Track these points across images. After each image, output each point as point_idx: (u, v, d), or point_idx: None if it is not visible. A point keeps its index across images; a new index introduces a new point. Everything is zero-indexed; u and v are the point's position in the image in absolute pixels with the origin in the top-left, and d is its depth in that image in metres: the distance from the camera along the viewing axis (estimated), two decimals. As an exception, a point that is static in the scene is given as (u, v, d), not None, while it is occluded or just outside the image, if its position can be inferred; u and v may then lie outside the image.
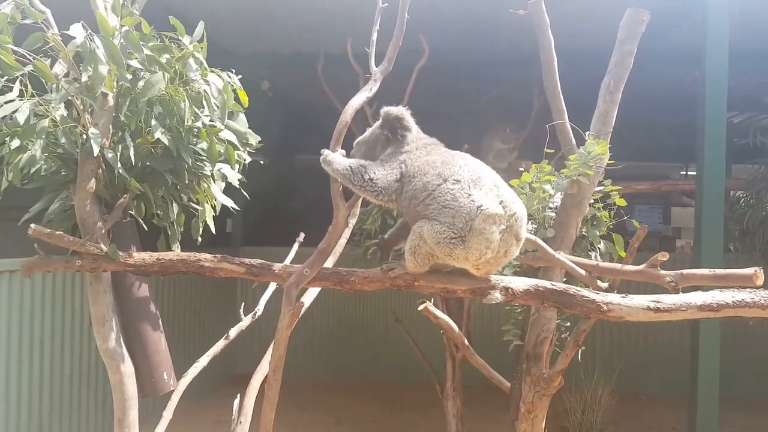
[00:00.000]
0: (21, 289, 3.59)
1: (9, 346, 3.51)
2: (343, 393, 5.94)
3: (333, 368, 6.40)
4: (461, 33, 3.90)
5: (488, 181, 1.83)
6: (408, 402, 5.84)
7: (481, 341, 4.27)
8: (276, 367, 1.86)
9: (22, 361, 3.61)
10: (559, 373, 2.66)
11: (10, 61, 1.64)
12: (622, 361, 6.01)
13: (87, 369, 4.32)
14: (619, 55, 2.50)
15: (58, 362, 3.99)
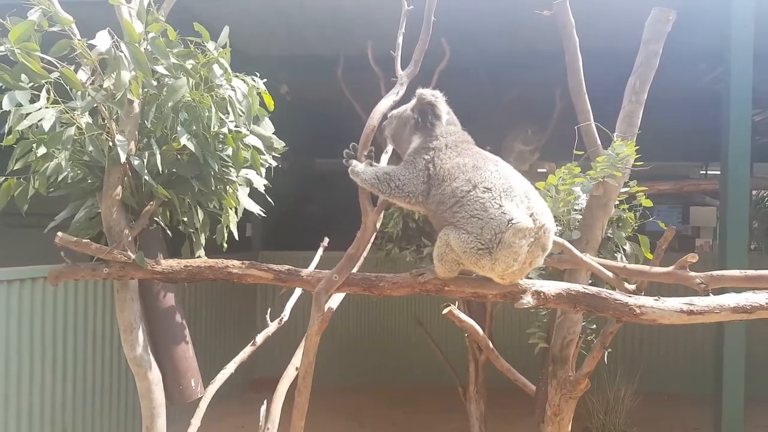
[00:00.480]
0: (48, 296, 3.63)
1: (35, 352, 3.54)
2: (364, 397, 5.93)
3: (354, 372, 6.39)
4: (482, 34, 3.89)
5: (519, 190, 1.77)
6: (430, 405, 5.81)
7: (503, 343, 4.24)
8: (305, 373, 1.85)
9: (46, 367, 3.64)
10: (586, 375, 2.63)
11: (37, 69, 1.65)
12: (644, 361, 5.95)
13: (117, 376, 4.36)
14: (645, 56, 2.46)
15: (86, 370, 4.03)
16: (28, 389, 3.49)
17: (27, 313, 3.48)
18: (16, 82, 1.65)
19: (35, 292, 3.52)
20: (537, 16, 2.51)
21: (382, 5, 3.66)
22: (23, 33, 1.58)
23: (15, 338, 3.40)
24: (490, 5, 3.55)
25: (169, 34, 1.90)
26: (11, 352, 3.37)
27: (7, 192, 1.97)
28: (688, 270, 2.05)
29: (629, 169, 2.38)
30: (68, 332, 3.84)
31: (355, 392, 6.11)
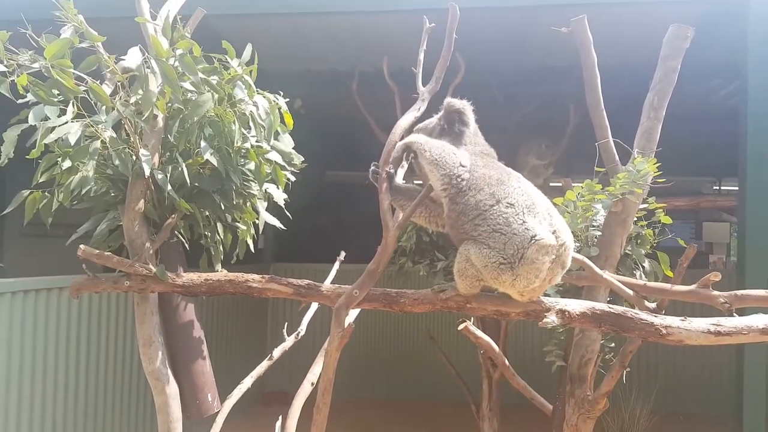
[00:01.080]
0: (65, 306, 3.65)
1: (50, 362, 3.55)
2: (376, 411, 5.89)
3: (365, 386, 6.36)
4: (496, 49, 3.91)
5: (542, 207, 1.77)
6: (442, 421, 5.76)
7: (516, 360, 4.21)
8: (325, 390, 1.84)
9: (59, 378, 3.65)
10: (605, 395, 2.60)
11: (70, 85, 1.68)
12: (660, 380, 5.88)
13: (135, 390, 4.37)
14: (663, 72, 2.46)
15: (106, 382, 4.04)
16: (41, 398, 3.49)
17: (46, 323, 3.50)
18: (49, 98, 1.67)
19: (51, 301, 3.54)
20: (551, 32, 2.52)
21: (397, 21, 3.70)
22: (59, 50, 1.61)
23: (31, 347, 3.41)
24: (504, 21, 3.58)
25: (194, 51, 1.92)
26: (26, 361, 3.38)
27: (33, 205, 2.00)
28: (710, 289, 2.03)
29: (648, 186, 2.37)
30: (88, 343, 3.86)
31: (366, 406, 6.08)
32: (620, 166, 2.49)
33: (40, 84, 1.68)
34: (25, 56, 1.68)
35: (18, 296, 3.30)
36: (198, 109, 1.88)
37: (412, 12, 3.51)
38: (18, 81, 1.65)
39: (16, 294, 3.29)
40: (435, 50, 2.30)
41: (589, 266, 2.22)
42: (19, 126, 1.81)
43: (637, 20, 3.48)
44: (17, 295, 3.30)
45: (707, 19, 3.31)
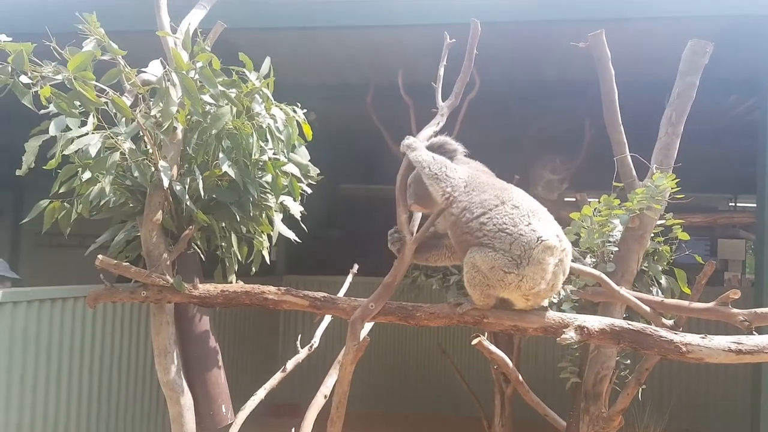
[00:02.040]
0: (83, 315, 3.67)
1: (69, 371, 3.57)
2: (387, 425, 5.84)
3: (377, 399, 6.31)
4: (511, 63, 3.91)
5: (544, 213, 1.84)
6: (451, 436, 5.71)
7: (529, 376, 4.17)
8: (339, 403, 1.83)
9: (73, 386, 3.67)
10: (620, 412, 2.57)
11: (92, 97, 1.70)
12: (674, 397, 5.79)
13: (149, 399, 4.38)
14: (681, 87, 2.45)
15: (120, 391, 4.05)
16: (55, 406, 3.51)
17: (61, 331, 3.52)
18: (71, 109, 1.70)
19: (66, 311, 3.56)
20: (567, 46, 2.52)
21: (412, 35, 3.72)
22: (81, 63, 1.64)
23: (46, 356, 3.43)
24: (520, 35, 3.59)
25: (213, 63, 1.95)
26: (41, 369, 3.40)
27: (52, 214, 2.02)
28: (730, 306, 2.00)
29: (666, 201, 2.35)
30: (102, 352, 3.87)
31: (377, 420, 6.02)
32: (637, 182, 2.47)
33: (62, 96, 1.70)
34: (49, 68, 1.71)
35: (33, 305, 3.33)
36: (217, 122, 1.90)
37: (426, 26, 3.54)
38: (41, 92, 1.68)
39: (32, 303, 3.31)
40: (450, 63, 2.31)
41: (606, 282, 2.20)
42: (40, 137, 1.83)
43: (655, 35, 3.47)
44: (33, 304, 3.32)
45: (725, 34, 3.29)
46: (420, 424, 5.97)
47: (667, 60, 2.85)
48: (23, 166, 1.78)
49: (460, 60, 2.18)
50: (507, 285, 1.70)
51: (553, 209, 4.75)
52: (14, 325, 3.20)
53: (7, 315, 3.15)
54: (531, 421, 4.42)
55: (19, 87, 1.67)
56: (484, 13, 2.52)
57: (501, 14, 3.33)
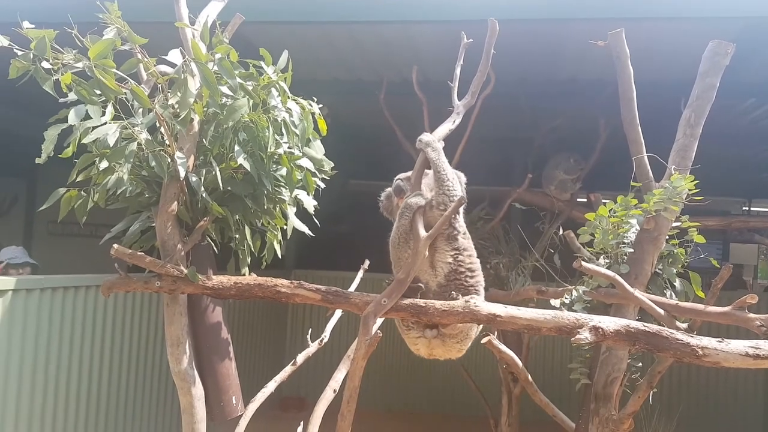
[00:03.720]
0: (95, 304, 3.70)
1: (79, 359, 3.60)
2: (392, 422, 5.86)
3: (383, 397, 6.33)
4: (527, 61, 3.88)
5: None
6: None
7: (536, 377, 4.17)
8: (350, 398, 1.83)
9: (83, 374, 3.69)
10: (630, 415, 2.55)
11: (112, 85, 1.70)
12: (683, 400, 5.75)
13: (162, 388, 4.42)
14: (701, 88, 2.43)
15: (131, 380, 4.09)
16: (65, 394, 3.54)
17: (73, 319, 3.55)
18: (91, 96, 1.70)
19: (78, 299, 3.59)
20: (584, 44, 2.50)
21: (426, 32, 3.70)
22: (102, 50, 1.64)
23: (57, 343, 3.46)
24: (536, 33, 3.56)
25: (231, 56, 1.95)
26: (52, 357, 3.42)
27: (68, 203, 2.03)
28: (746, 311, 1.98)
29: (683, 203, 2.33)
30: (112, 341, 3.90)
31: (383, 417, 6.04)
32: (654, 183, 2.45)
33: (83, 83, 1.71)
34: (70, 56, 1.72)
35: (47, 293, 3.36)
36: (234, 114, 1.90)
37: (440, 23, 3.52)
38: (62, 79, 1.68)
39: (45, 291, 3.34)
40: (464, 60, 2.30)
41: (620, 283, 2.19)
42: (58, 125, 1.84)
43: (675, 35, 3.43)
44: (46, 291, 3.35)
45: (744, 36, 3.24)
46: (427, 422, 5.98)
47: (684, 61, 2.82)
48: (42, 154, 1.79)
49: (474, 58, 2.17)
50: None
51: (565, 210, 4.72)
52: (27, 312, 3.23)
53: (21, 302, 3.18)
54: (538, 422, 4.41)
55: (40, 73, 1.67)
56: (499, 11, 2.51)
57: (516, 11, 3.30)
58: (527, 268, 3.78)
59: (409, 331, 2.00)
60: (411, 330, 2.00)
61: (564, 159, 4.63)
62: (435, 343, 1.98)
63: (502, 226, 4.42)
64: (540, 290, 3.29)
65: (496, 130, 5.22)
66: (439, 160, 1.97)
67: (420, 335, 1.98)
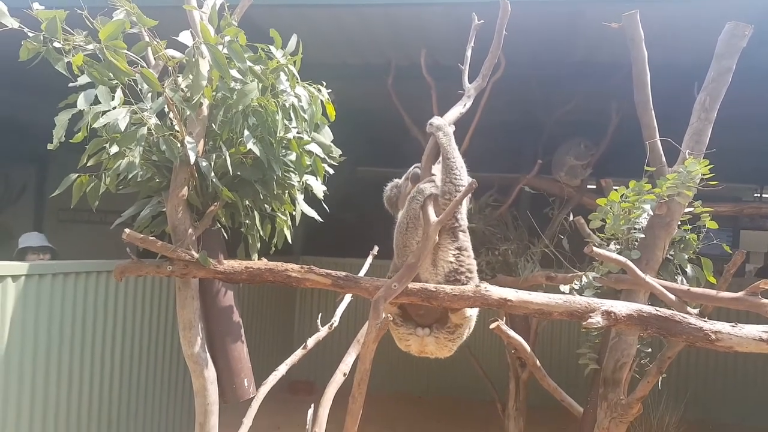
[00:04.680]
0: (106, 288, 3.73)
1: (92, 342, 3.64)
2: (399, 405, 5.90)
3: (391, 381, 6.36)
4: (538, 44, 3.83)
5: None
6: (466, 418, 5.75)
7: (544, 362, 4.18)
8: (361, 381, 1.84)
9: (95, 358, 3.73)
10: (639, 400, 2.55)
11: (123, 67, 1.70)
12: (690, 387, 5.76)
13: (175, 371, 4.47)
14: (716, 71, 2.39)
15: (142, 363, 4.13)
16: (79, 377, 3.58)
17: (85, 304, 3.58)
18: (103, 78, 1.70)
19: (90, 284, 3.62)
20: (596, 27, 2.47)
21: (435, 14, 3.66)
22: (113, 32, 1.64)
23: (70, 328, 3.49)
24: (549, 15, 3.51)
25: (240, 39, 1.93)
26: (65, 341, 3.46)
27: (80, 188, 2.03)
28: (759, 296, 1.96)
29: (696, 188, 2.30)
30: (124, 325, 3.94)
31: (391, 400, 6.08)
32: (667, 168, 2.43)
33: (95, 64, 1.70)
34: (80, 37, 1.71)
35: (59, 278, 3.38)
36: (243, 98, 1.89)
37: (449, 5, 3.47)
38: (74, 61, 1.68)
39: (56, 276, 3.37)
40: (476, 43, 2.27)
41: (631, 269, 2.17)
42: (69, 110, 1.84)
43: (691, 16, 3.36)
44: (58, 277, 3.38)
45: (762, 17, 3.17)
46: (434, 406, 6.02)
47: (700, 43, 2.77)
48: (54, 139, 1.79)
49: (484, 40, 2.14)
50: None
51: (575, 196, 4.68)
52: (40, 297, 3.26)
53: (34, 287, 3.21)
54: (545, 407, 4.44)
55: (52, 54, 1.67)
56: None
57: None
58: (536, 255, 3.77)
59: (398, 327, 1.98)
60: (400, 326, 1.98)
61: (575, 144, 4.58)
62: (428, 341, 1.97)
63: (510, 213, 4.40)
64: (549, 276, 3.29)
65: (506, 115, 5.18)
66: (450, 146, 1.96)
67: (411, 332, 1.97)
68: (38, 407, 3.27)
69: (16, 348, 3.12)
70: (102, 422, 3.75)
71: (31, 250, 4.04)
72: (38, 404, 3.27)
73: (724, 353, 5.83)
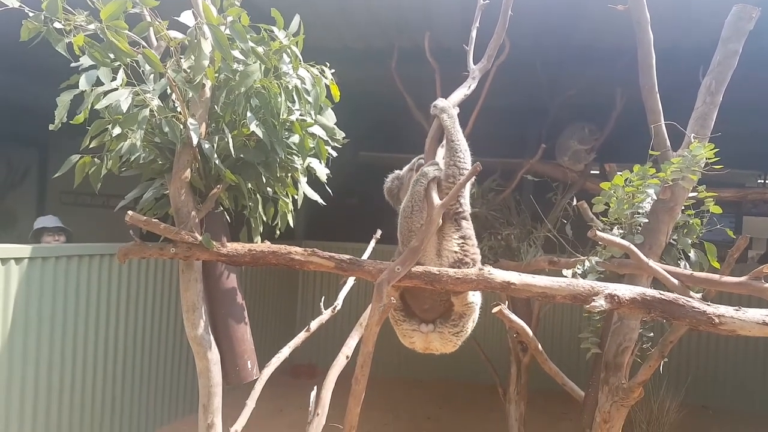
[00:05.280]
0: (109, 271, 3.74)
1: (96, 324, 3.66)
2: (400, 390, 5.94)
3: (392, 365, 6.40)
4: (542, 27, 3.79)
5: None
6: (467, 401, 5.80)
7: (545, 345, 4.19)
8: (364, 363, 1.85)
9: (99, 339, 3.76)
10: (641, 384, 2.56)
11: (124, 47, 1.68)
12: (691, 372, 5.79)
13: (178, 352, 4.50)
14: (722, 55, 2.36)
15: (145, 344, 4.16)
16: (83, 358, 3.60)
17: (88, 287, 3.60)
18: (104, 59, 1.69)
19: (93, 267, 3.63)
20: (602, 10, 2.43)
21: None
22: (114, 12, 1.62)
23: (74, 310, 3.51)
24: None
25: (242, 19, 1.91)
26: (69, 323, 3.48)
27: (82, 170, 2.03)
28: (763, 281, 1.96)
29: (700, 173, 2.29)
30: (127, 308, 3.96)
31: (391, 384, 6.13)
32: (671, 152, 2.41)
33: (96, 45, 1.69)
34: (81, 17, 1.69)
35: (62, 261, 3.40)
36: (246, 80, 1.87)
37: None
38: (75, 41, 1.66)
39: (60, 259, 3.38)
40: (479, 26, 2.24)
41: (635, 253, 2.17)
42: (70, 91, 1.83)
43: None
44: (61, 260, 3.39)
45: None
46: (436, 390, 6.06)
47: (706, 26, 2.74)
48: (56, 120, 1.78)
49: (489, 23, 2.11)
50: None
51: (578, 181, 4.66)
52: (44, 279, 3.27)
53: (37, 270, 3.23)
54: (546, 390, 4.47)
55: (53, 34, 1.65)
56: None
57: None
58: (539, 239, 3.77)
59: (401, 323, 1.96)
60: (403, 322, 1.96)
61: (578, 129, 4.55)
62: (432, 337, 1.96)
63: (513, 197, 4.39)
64: (552, 261, 3.29)
65: (510, 99, 5.14)
66: (454, 128, 1.95)
67: (415, 329, 1.95)
68: (42, 388, 3.30)
69: (19, 330, 3.14)
70: (106, 403, 3.79)
71: (47, 231, 4.06)
72: (42, 385, 3.30)
73: (724, 339, 5.90)
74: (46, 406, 3.32)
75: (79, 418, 3.56)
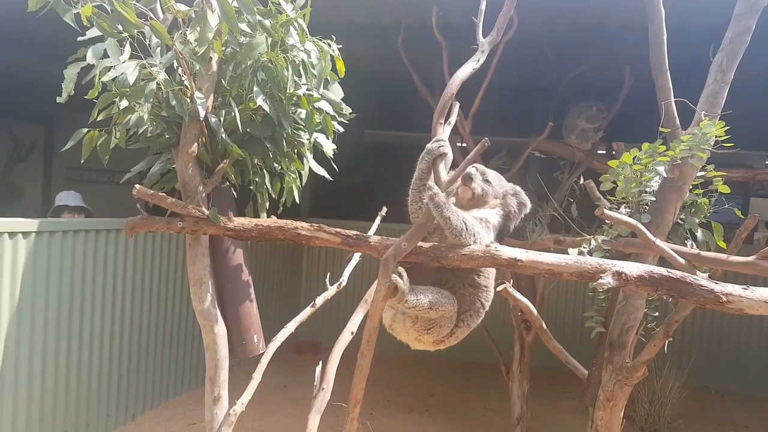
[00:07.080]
0: (116, 246, 3.77)
1: (102, 298, 3.69)
2: (403, 367, 5.99)
3: (394, 343, 6.44)
4: (551, 3, 3.73)
5: None
6: (470, 379, 5.85)
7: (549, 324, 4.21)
8: (369, 337, 1.86)
9: (106, 312, 3.79)
10: (645, 363, 2.58)
11: (132, 18, 1.67)
12: (694, 353, 5.82)
13: (186, 326, 4.55)
14: (735, 32, 2.32)
15: (154, 318, 4.21)
16: (89, 332, 3.64)
17: (95, 261, 3.62)
18: (112, 30, 1.67)
19: (100, 241, 3.65)
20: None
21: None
22: (121, -18, 1.60)
23: (80, 284, 3.54)
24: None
25: (249, -9, 1.88)
26: (76, 297, 3.52)
27: (90, 143, 2.02)
28: (771, 261, 1.95)
29: (710, 152, 2.27)
30: (133, 282, 3.99)
31: (394, 362, 6.17)
32: (681, 131, 2.39)
33: (104, 15, 1.67)
34: (88, -14, 1.68)
35: (68, 235, 3.41)
36: (252, 52, 1.86)
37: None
38: (82, 11, 1.65)
39: (66, 233, 3.40)
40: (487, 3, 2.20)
41: (642, 232, 2.16)
42: (77, 64, 1.82)
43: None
44: (68, 234, 3.41)
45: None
46: (438, 368, 6.11)
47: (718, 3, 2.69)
48: (63, 93, 1.78)
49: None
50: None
51: (585, 160, 4.61)
52: (51, 253, 3.29)
53: (44, 244, 3.25)
54: (549, 369, 4.50)
55: (60, 4, 1.64)
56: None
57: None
58: (545, 218, 3.76)
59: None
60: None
61: (586, 108, 4.50)
62: (397, 319, 1.95)
63: (520, 176, 4.37)
64: (557, 240, 3.28)
65: (517, 77, 5.09)
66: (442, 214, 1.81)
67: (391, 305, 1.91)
68: (50, 361, 3.35)
69: (27, 303, 3.17)
70: (113, 376, 3.85)
71: (67, 209, 4.08)
72: (50, 358, 3.35)
73: (728, 320, 5.91)
74: (54, 379, 3.37)
75: (86, 390, 3.61)
